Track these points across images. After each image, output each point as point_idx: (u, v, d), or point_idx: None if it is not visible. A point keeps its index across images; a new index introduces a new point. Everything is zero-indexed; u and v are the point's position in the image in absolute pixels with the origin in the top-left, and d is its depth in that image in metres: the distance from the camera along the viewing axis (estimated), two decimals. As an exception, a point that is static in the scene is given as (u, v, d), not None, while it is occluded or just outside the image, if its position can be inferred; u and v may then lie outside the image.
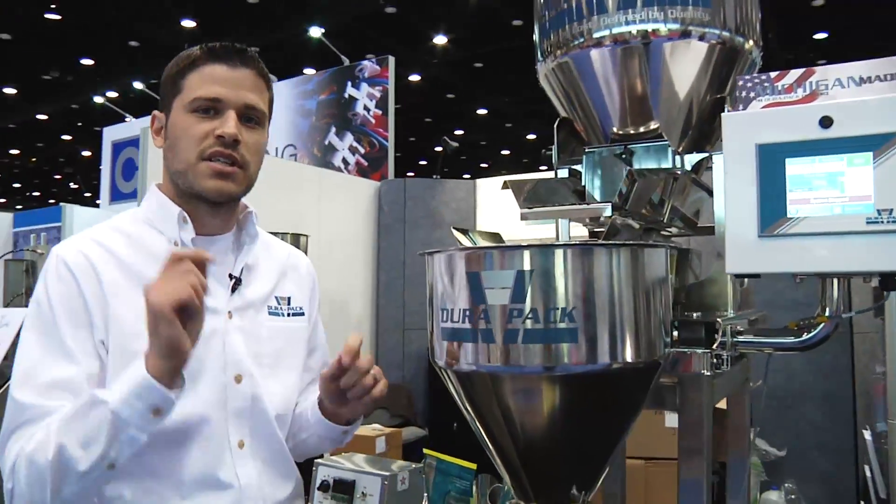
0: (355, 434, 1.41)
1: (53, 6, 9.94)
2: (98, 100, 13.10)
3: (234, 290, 1.32)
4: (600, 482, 1.18)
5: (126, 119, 9.95)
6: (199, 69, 1.27)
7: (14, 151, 18.80)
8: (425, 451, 1.96)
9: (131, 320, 1.18)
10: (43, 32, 10.92)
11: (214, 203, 1.30)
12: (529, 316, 1.01)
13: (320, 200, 5.41)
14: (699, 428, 1.34)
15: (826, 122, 1.16)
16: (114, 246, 1.25)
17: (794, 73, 1.28)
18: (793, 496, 4.16)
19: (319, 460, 1.99)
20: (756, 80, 1.30)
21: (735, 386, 1.67)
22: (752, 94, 1.30)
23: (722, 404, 3.73)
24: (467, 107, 14.47)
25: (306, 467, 1.89)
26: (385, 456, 3.97)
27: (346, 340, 1.22)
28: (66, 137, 16.93)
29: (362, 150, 6.76)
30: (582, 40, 1.67)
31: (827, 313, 1.27)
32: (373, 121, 6.71)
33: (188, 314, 1.06)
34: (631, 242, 1.06)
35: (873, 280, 1.22)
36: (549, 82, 1.79)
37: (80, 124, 15.81)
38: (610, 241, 1.04)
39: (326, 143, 7.03)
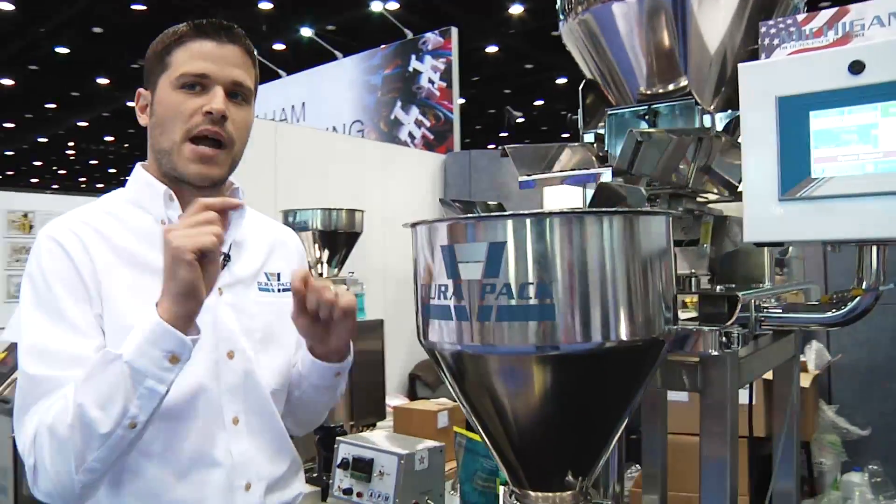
0: (416, 408, 1.38)
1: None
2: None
3: (223, 266, 1.28)
4: (598, 469, 1.09)
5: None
6: (186, 45, 1.25)
7: (109, 138, 19.71)
8: (455, 429, 1.91)
9: (123, 298, 1.19)
10: (130, 24, 11.35)
11: (197, 186, 1.27)
12: (503, 292, 0.93)
13: (384, 175, 5.40)
14: (722, 410, 1.23)
15: (857, 68, 1.02)
16: (101, 226, 1.24)
17: (825, 14, 1.13)
18: (878, 479, 3.91)
19: (341, 438, 1.97)
20: (782, 25, 1.16)
21: (776, 363, 1.53)
22: (776, 42, 1.16)
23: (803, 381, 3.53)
24: (546, 76, 14.17)
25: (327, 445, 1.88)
26: (447, 430, 3.95)
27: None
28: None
29: (428, 124, 6.69)
30: (603, -7, 1.55)
31: (864, 286, 1.13)
32: (437, 94, 6.62)
33: (207, 261, 1.07)
34: (618, 210, 0.95)
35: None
36: (573, 41, 1.67)
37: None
38: (592, 209, 0.93)
39: (392, 117, 7.00)
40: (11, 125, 18.15)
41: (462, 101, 13.42)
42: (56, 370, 1.13)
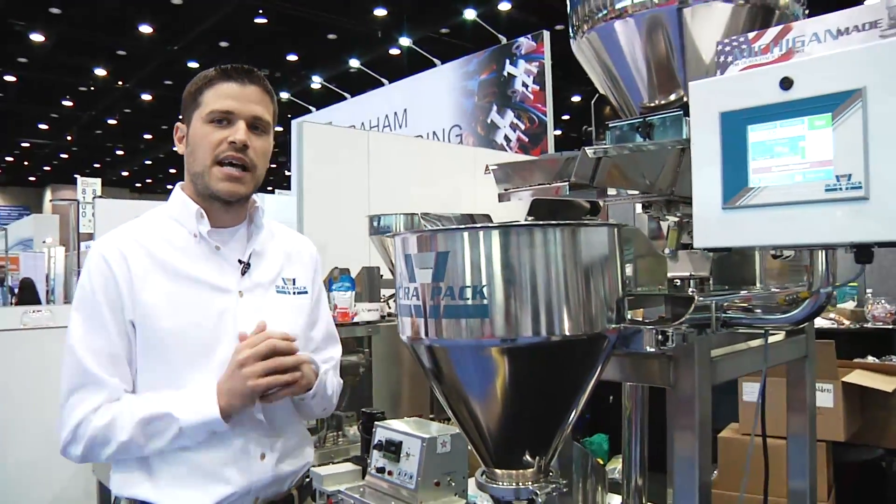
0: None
1: (261, 11, 11.01)
2: (284, 95, 14.24)
3: (243, 273, 1.51)
4: (556, 450, 1.21)
5: (311, 110, 10.78)
6: (215, 87, 1.49)
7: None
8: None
9: (156, 301, 1.45)
10: (254, 36, 12.12)
11: (226, 202, 1.50)
12: (447, 293, 1.07)
13: (475, 179, 5.57)
14: (690, 406, 1.31)
15: (786, 84, 1.09)
16: (143, 239, 1.50)
17: (772, 32, 1.20)
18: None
19: (378, 423, 2.18)
20: (735, 43, 1.23)
21: (773, 363, 1.57)
22: (730, 59, 1.24)
23: (881, 385, 3.40)
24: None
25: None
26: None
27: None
28: (278, 129, 18.59)
29: (522, 127, 6.82)
30: (605, 12, 1.64)
31: (814, 288, 1.19)
32: (531, 97, 6.74)
33: None
34: (526, 224, 1.07)
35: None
36: (584, 58, 1.78)
37: (289, 116, 17.35)
38: (508, 223, 1.06)
39: (489, 121, 7.17)
40: (150, 136, 19.70)
41: (578, 98, 13.37)
42: (96, 366, 1.42)
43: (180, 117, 1.57)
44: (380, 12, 10.60)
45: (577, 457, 2.12)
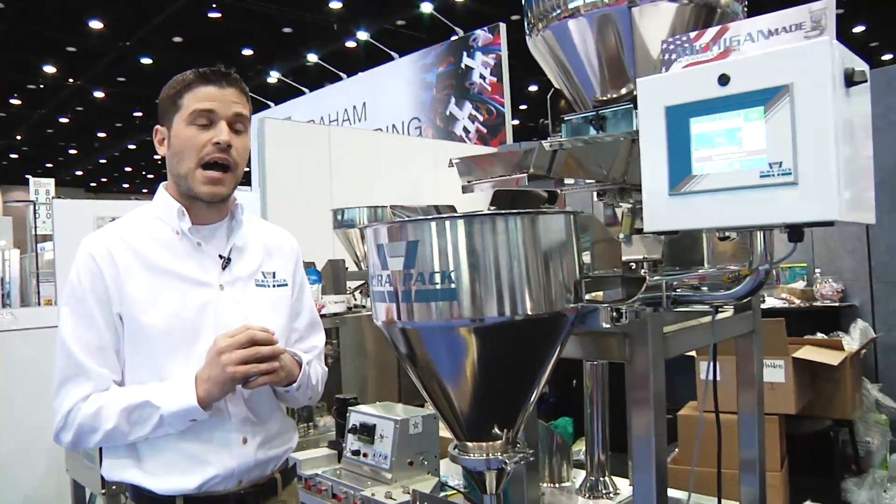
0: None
1: (215, 5, 10.89)
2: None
3: (224, 267, 1.58)
4: (522, 423, 1.30)
5: (269, 106, 10.74)
6: (194, 90, 1.55)
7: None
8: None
9: (140, 296, 1.52)
10: (208, 32, 11.99)
11: (208, 202, 1.58)
12: (418, 279, 1.16)
13: (436, 171, 5.65)
14: (645, 380, 1.41)
15: (724, 80, 1.19)
16: (129, 237, 1.57)
17: (711, 32, 1.30)
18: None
19: (352, 408, 2.27)
20: (678, 42, 1.34)
21: (721, 337, 1.69)
22: (673, 56, 1.34)
23: (828, 359, 3.58)
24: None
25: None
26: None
27: None
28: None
29: (481, 118, 6.91)
30: (559, 11, 1.73)
31: (753, 266, 1.30)
32: (489, 88, 6.83)
33: None
34: (489, 213, 1.14)
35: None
36: (539, 54, 1.87)
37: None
38: (473, 213, 1.15)
39: (447, 113, 7.25)
40: (104, 135, 19.35)
41: (535, 87, 13.51)
42: (87, 357, 1.49)
43: (159, 121, 1.62)
44: (335, 5, 10.57)
45: (542, 435, 2.23)
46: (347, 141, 5.25)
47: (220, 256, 1.60)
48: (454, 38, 7.23)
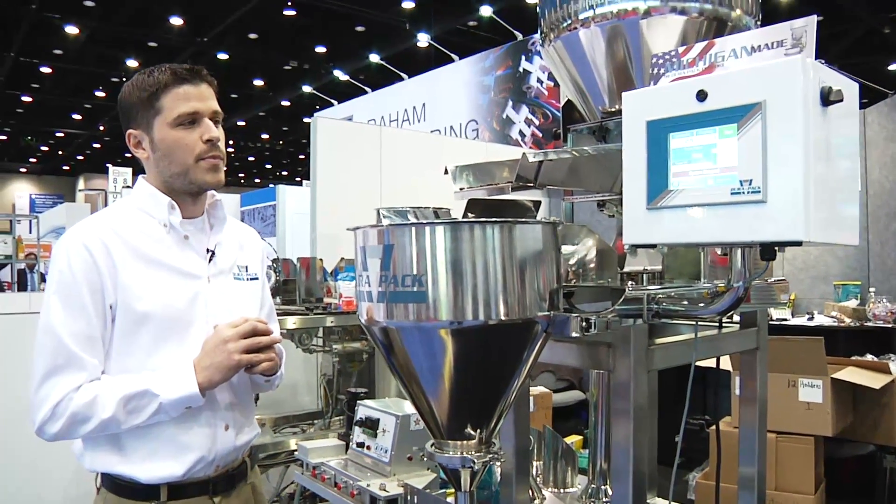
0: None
1: (290, 2, 11.17)
2: (307, 89, 14.41)
3: (210, 260, 1.67)
4: (496, 423, 1.33)
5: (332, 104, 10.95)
6: (171, 91, 1.58)
7: (264, 136, 21.29)
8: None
9: (134, 287, 1.55)
10: (282, 28, 12.32)
11: (197, 193, 1.65)
12: (392, 281, 1.20)
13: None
14: (626, 390, 1.43)
15: (702, 96, 1.20)
16: (120, 229, 1.59)
17: (698, 47, 1.31)
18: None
19: (360, 401, 2.34)
20: (667, 56, 1.35)
21: (717, 353, 1.68)
22: (662, 70, 1.35)
23: (870, 382, 3.46)
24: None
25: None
26: (534, 416, 4.18)
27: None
28: (307, 120, 18.76)
29: (537, 122, 6.91)
30: (569, 22, 1.76)
31: (732, 283, 1.30)
32: (546, 93, 6.83)
33: None
34: (465, 220, 1.20)
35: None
36: (552, 64, 1.90)
37: (317, 107, 17.58)
38: (450, 220, 1.19)
39: (504, 116, 7.27)
40: (182, 126, 19.99)
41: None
42: (76, 346, 1.50)
43: (130, 125, 1.63)
44: (408, 4, 10.71)
45: (549, 440, 2.25)
46: (399, 142, 5.34)
47: (208, 250, 1.67)
48: (513, 42, 7.25)
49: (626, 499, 1.44)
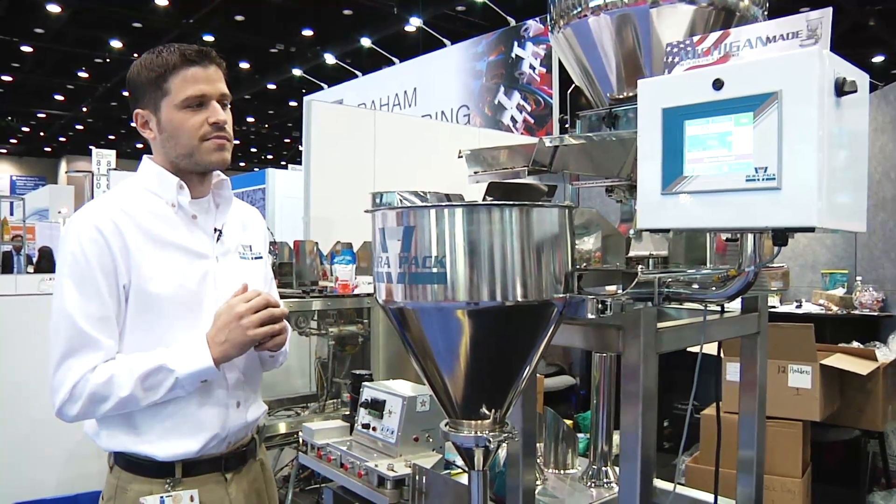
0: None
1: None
2: (297, 72, 14.33)
3: (217, 240, 1.69)
4: (510, 404, 1.36)
5: (322, 87, 10.89)
6: (180, 73, 1.56)
7: (249, 119, 21.14)
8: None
9: (145, 268, 1.56)
10: (268, 10, 12.22)
11: (204, 173, 1.66)
12: (413, 262, 1.23)
13: (479, 159, 5.70)
14: (636, 372, 1.46)
15: (718, 85, 1.23)
16: (130, 210, 1.59)
17: (713, 36, 1.33)
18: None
19: (365, 383, 2.36)
20: (682, 45, 1.37)
21: (721, 336, 1.72)
22: (676, 59, 1.37)
23: (857, 368, 3.53)
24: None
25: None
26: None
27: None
28: (293, 104, 18.64)
29: (529, 108, 6.93)
30: (580, 9, 1.78)
31: (742, 267, 1.34)
32: (538, 79, 6.84)
33: None
34: (484, 203, 1.22)
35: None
36: (561, 52, 1.92)
37: (304, 91, 17.46)
38: (469, 202, 1.21)
39: (496, 102, 7.28)
40: (166, 108, 19.77)
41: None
42: (93, 329, 1.51)
43: (138, 104, 1.62)
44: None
45: (550, 422, 2.29)
46: (393, 126, 5.34)
47: (215, 229, 1.68)
48: (505, 27, 7.24)
49: (633, 480, 1.47)
